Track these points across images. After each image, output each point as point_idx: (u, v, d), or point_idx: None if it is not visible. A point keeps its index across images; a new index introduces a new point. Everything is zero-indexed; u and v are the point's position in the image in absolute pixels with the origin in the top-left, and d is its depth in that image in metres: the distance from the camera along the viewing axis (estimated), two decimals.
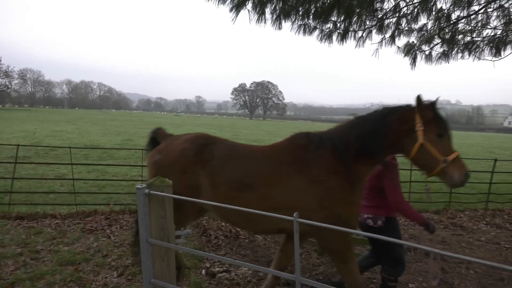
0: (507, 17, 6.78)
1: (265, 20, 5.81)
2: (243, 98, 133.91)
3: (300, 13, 5.95)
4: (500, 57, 6.98)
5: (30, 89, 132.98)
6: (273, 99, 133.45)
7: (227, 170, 3.13)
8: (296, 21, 6.08)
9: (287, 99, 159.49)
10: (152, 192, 2.10)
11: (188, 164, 3.20)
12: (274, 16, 5.71)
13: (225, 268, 4.71)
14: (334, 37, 6.76)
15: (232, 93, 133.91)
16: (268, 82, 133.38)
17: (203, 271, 4.60)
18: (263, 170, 3.10)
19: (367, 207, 3.66)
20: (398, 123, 2.97)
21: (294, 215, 1.79)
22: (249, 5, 5.67)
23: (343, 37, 6.59)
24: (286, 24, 6.12)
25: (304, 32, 6.48)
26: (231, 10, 5.59)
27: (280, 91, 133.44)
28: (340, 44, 6.82)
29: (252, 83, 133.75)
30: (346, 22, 6.05)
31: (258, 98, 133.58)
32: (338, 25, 6.22)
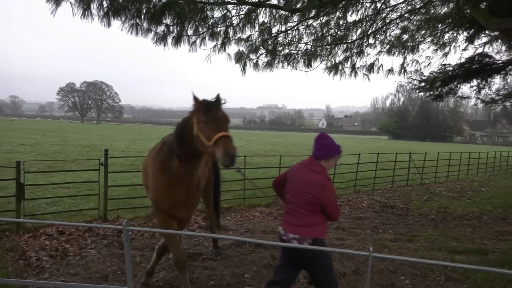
0: (315, 35, 8.03)
1: (92, 16, 5.35)
2: (72, 99, 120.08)
3: (132, 12, 5.71)
4: (311, 68, 8.20)
5: None
6: (108, 100, 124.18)
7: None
8: (127, 20, 5.80)
9: (124, 101, 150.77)
10: None
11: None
12: (102, 13, 5.33)
13: None
14: (169, 40, 6.75)
15: (58, 94, 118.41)
16: (102, 82, 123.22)
17: None
18: (147, 161, 4.44)
19: (294, 226, 3.25)
20: (184, 123, 3.43)
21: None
22: None
23: (177, 41, 6.63)
24: (117, 23, 5.75)
25: (137, 32, 6.24)
26: (48, 0, 4.95)
27: (116, 93, 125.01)
28: (175, 48, 6.85)
29: (83, 83, 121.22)
30: (179, 26, 6.11)
31: (91, 99, 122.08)
32: (172, 28, 6.23)
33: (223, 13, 6.25)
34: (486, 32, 8.68)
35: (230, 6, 6.32)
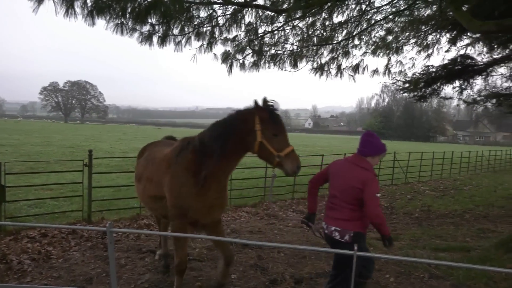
0: (301, 35, 8.06)
1: (76, 15, 5.25)
2: (55, 99, 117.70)
3: (116, 11, 5.63)
4: (297, 69, 8.23)
5: None
6: (92, 100, 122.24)
7: (138, 165, 4.60)
8: (112, 20, 5.71)
9: (109, 101, 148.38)
10: None
11: (138, 158, 4.87)
12: (86, 11, 5.23)
13: None
14: (155, 40, 6.67)
15: (41, 93, 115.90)
16: (86, 82, 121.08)
17: None
18: (149, 167, 4.20)
19: (336, 219, 3.41)
20: (241, 124, 3.40)
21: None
22: None
23: (163, 40, 6.56)
24: (102, 22, 5.66)
25: (122, 32, 6.16)
26: None
27: (100, 92, 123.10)
28: (160, 48, 6.77)
29: (66, 82, 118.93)
30: (165, 26, 6.05)
31: (75, 99, 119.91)
32: (157, 28, 6.16)
33: (209, 13, 6.22)
34: (468, 34, 8.83)
35: (216, 6, 6.29)
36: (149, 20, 5.80)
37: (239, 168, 13.02)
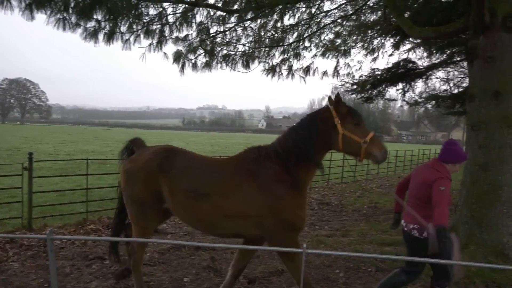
0: (253, 37, 8.12)
1: (12, 8, 4.90)
2: None
3: (58, 5, 5.32)
4: (249, 70, 8.28)
5: None
6: (34, 99, 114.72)
7: (184, 180, 3.51)
8: (54, 14, 5.40)
9: (52, 101, 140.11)
10: None
11: (151, 174, 3.61)
12: (23, 4, 4.89)
13: None
14: (101, 37, 6.40)
15: None
16: (26, 80, 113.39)
17: None
18: (217, 181, 3.48)
19: (414, 217, 3.49)
20: (322, 123, 3.41)
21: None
22: None
23: (109, 37, 6.31)
24: (42, 16, 5.32)
25: (64, 27, 5.84)
26: None
27: (42, 91, 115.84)
28: (107, 45, 6.51)
29: (4, 80, 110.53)
30: (112, 22, 5.82)
31: (13, 98, 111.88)
32: (103, 24, 5.91)
33: (158, 11, 6.07)
34: (410, 39, 9.38)
35: (166, 4, 6.17)
36: (95, 16, 5.56)
37: None
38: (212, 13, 6.98)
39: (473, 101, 5.45)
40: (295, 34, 8.44)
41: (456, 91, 11.90)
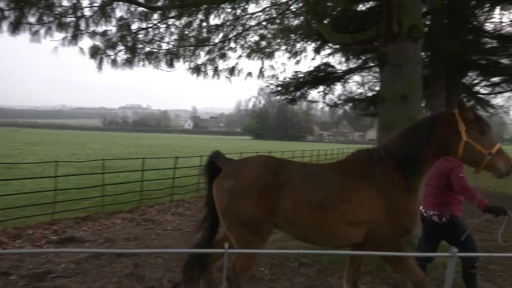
0: (178, 35, 7.95)
1: None
2: None
3: None
4: (173, 68, 8.09)
5: None
6: None
7: (308, 190, 3.23)
8: None
9: None
10: None
11: (266, 188, 3.22)
12: None
13: None
14: (5, 26, 5.76)
15: None
16: None
17: None
18: (340, 188, 3.24)
19: (433, 205, 4.04)
20: (444, 127, 3.24)
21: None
22: None
23: (15, 28, 5.72)
24: None
25: None
26: None
27: None
28: (13, 36, 5.89)
29: None
30: (17, 11, 5.27)
31: None
32: (7, 13, 5.33)
33: (72, 2, 5.65)
34: (330, 45, 9.94)
35: None
36: None
37: (113, 172, 12.20)
38: (133, 9, 6.69)
39: (383, 103, 5.91)
40: (221, 35, 8.46)
41: (370, 94, 12.90)
